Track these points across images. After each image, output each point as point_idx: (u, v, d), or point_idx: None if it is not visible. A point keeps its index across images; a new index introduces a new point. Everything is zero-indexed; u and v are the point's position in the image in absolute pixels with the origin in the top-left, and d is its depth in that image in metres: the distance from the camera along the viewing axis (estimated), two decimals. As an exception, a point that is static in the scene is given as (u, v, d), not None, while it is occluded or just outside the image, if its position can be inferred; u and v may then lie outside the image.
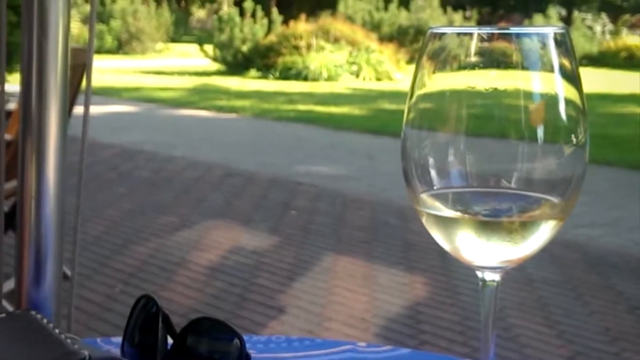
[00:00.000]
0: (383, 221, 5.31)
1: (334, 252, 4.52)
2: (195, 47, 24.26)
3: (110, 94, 12.73)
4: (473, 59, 0.55)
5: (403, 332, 3.34)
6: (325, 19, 20.46)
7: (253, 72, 18.55)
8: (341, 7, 24.43)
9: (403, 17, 23.98)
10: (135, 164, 7.17)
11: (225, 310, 3.47)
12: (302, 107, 12.55)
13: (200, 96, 13.95)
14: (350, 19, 22.20)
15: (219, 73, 19.30)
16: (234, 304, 3.59)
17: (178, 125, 10.36)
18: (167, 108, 12.34)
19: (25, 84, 0.89)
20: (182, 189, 6.17)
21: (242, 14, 20.34)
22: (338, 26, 19.18)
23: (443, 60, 0.56)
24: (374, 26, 22.66)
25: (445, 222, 0.58)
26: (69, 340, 0.70)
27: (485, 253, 0.57)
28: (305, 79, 17.03)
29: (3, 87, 1.07)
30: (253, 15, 20.27)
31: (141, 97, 13.42)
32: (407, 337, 3.27)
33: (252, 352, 0.70)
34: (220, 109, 12.26)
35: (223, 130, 10.10)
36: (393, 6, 24.20)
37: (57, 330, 0.73)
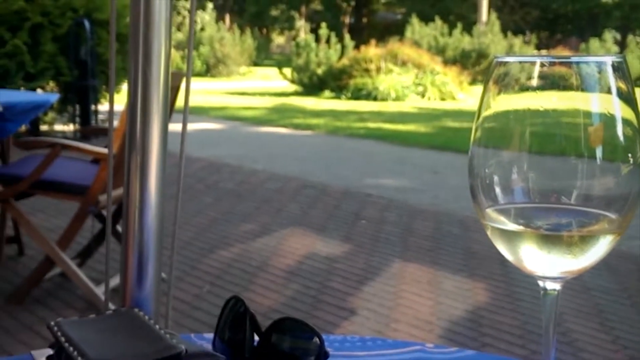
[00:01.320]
0: (447, 231, 5.26)
1: (401, 259, 4.49)
2: (275, 70, 24.49)
3: (199, 112, 12.94)
4: (535, 82, 0.55)
5: (466, 335, 3.30)
6: (393, 44, 20.43)
7: (327, 92, 18.61)
8: (408, 33, 24.40)
9: (466, 42, 23.79)
10: (221, 176, 7.28)
11: (301, 310, 3.49)
12: (371, 124, 12.54)
13: (279, 115, 14.08)
14: (416, 43, 22.13)
15: (296, 94, 19.44)
16: (309, 305, 3.61)
17: (259, 141, 10.47)
18: (250, 125, 12.48)
19: (131, 105, 0.92)
20: (262, 199, 6.23)
21: (317, 40, 20.46)
22: (405, 50, 19.12)
23: (507, 84, 0.57)
24: (438, 50, 22.53)
25: (509, 235, 0.58)
26: (167, 336, 0.72)
27: (547, 264, 0.57)
28: (375, 99, 17.03)
29: (112, 108, 1.10)
30: (327, 41, 20.37)
31: (226, 116, 13.62)
32: (469, 339, 3.23)
33: (329, 351, 0.71)
34: (297, 126, 12.35)
35: (299, 145, 10.16)
36: (457, 32, 24.03)
37: (157, 326, 0.75)
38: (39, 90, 8.84)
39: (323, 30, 20.63)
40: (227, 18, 42.02)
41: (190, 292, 3.73)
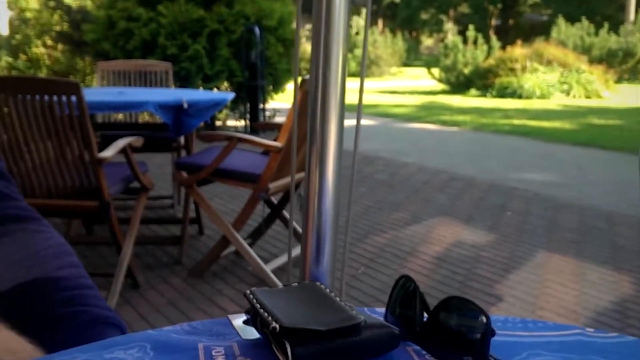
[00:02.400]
0: (592, 225, 5.02)
1: (546, 250, 4.34)
2: (423, 70, 24.28)
3: (354, 109, 13.03)
4: None
5: (611, 325, 3.14)
6: (539, 44, 19.65)
7: (473, 91, 18.22)
8: (554, 33, 23.39)
9: (612, 41, 22.47)
10: (375, 168, 7.31)
11: (449, 294, 3.45)
12: (516, 121, 12.14)
13: (427, 112, 13.94)
14: (562, 43, 21.18)
15: (443, 92, 19.17)
16: (457, 290, 3.56)
17: (409, 136, 10.41)
18: (400, 122, 12.45)
19: (312, 104, 0.96)
20: (412, 190, 6.20)
21: (465, 41, 20.07)
22: (551, 50, 18.36)
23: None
24: (584, 50, 21.42)
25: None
26: (347, 307, 0.74)
27: None
28: (520, 97, 16.47)
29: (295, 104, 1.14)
30: (474, 42, 19.93)
31: (379, 113, 13.65)
32: (615, 330, 3.07)
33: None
34: (444, 122, 12.18)
35: (447, 140, 10.02)
36: (603, 31, 22.75)
37: (338, 299, 0.78)
38: (215, 90, 9.25)
39: (470, 32, 20.21)
40: (380, 22, 42.07)
41: (348, 273, 3.79)
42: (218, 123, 10.22)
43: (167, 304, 3.26)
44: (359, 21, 34.34)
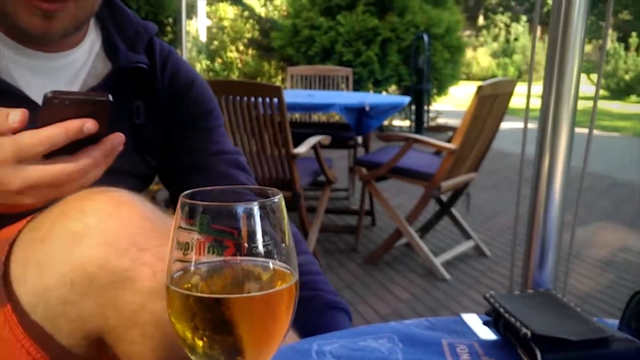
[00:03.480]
0: None
1: None
2: (583, 76, 22.92)
3: (512, 113, 12.54)
4: None
5: None
6: None
7: (634, 97, 16.96)
8: None
9: None
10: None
11: (619, 300, 3.22)
12: (680, 129, 11.17)
13: (586, 117, 13.11)
14: None
15: (602, 98, 18.00)
16: (627, 296, 3.32)
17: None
18: (558, 126, 11.84)
19: (543, 114, 0.91)
20: (575, 195, 5.86)
21: (626, 48, 18.71)
22: None
23: None
24: None
25: None
26: (590, 318, 0.70)
27: None
28: (684, 104, 15.13)
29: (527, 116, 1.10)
30: (637, 49, 18.52)
31: (536, 116, 13.05)
32: None
33: None
34: (604, 128, 11.42)
35: (607, 146, 9.39)
36: None
37: (578, 308, 0.74)
38: (384, 93, 9.28)
39: (633, 39, 18.79)
40: (539, 29, 40.21)
41: (515, 272, 3.65)
42: (385, 123, 10.24)
43: (346, 287, 3.30)
44: (518, 28, 33.04)
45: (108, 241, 0.70)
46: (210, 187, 0.53)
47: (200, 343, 0.47)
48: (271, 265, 0.49)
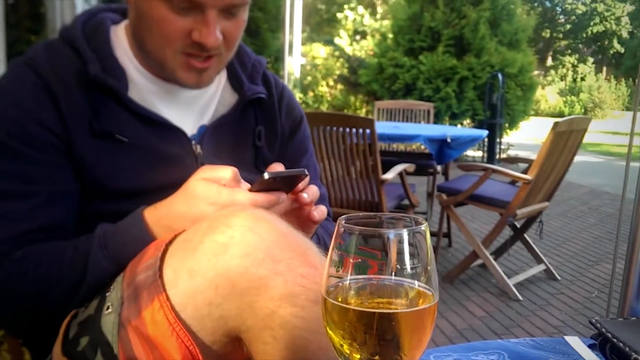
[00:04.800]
0: None
1: None
2: (647, 114, 21.75)
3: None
4: None
5: None
6: None
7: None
8: None
9: None
10: (602, 201, 6.70)
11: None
12: None
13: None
14: None
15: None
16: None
17: (632, 175, 9.38)
18: (622, 159, 11.29)
19: None
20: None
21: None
22: None
23: None
24: None
25: None
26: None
27: None
28: None
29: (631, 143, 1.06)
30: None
31: (602, 151, 12.53)
32: None
33: None
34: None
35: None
36: None
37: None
38: (459, 126, 9.15)
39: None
40: (604, 70, 38.68)
41: (581, 295, 3.49)
42: (458, 153, 10.06)
43: (425, 302, 3.25)
44: (585, 68, 31.92)
45: (248, 252, 0.72)
46: (363, 213, 0.54)
47: (350, 349, 0.48)
48: (416, 285, 0.49)
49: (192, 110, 1.05)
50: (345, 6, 13.20)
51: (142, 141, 0.96)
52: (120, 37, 1.03)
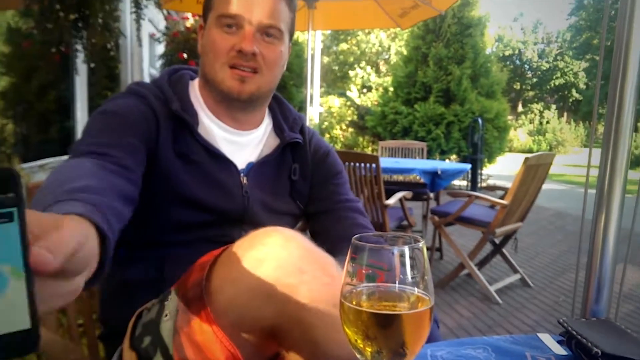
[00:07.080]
0: None
1: None
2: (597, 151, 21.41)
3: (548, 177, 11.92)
4: None
5: None
6: None
7: (645, 167, 15.67)
8: None
9: None
10: (565, 222, 6.57)
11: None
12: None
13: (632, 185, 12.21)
14: None
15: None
16: (648, 324, 3.01)
17: (589, 199, 9.21)
18: (581, 188, 11.09)
19: (601, 179, 0.87)
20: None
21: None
22: None
23: None
24: None
25: None
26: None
27: None
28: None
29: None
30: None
31: (564, 180, 12.33)
32: None
33: None
34: (628, 191, 10.59)
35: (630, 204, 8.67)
36: None
37: (634, 334, 0.68)
38: (447, 160, 9.10)
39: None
40: (565, 114, 38.43)
41: (551, 299, 3.41)
42: (447, 182, 9.99)
43: (422, 304, 3.19)
44: (548, 114, 31.75)
45: (279, 265, 0.73)
46: (371, 233, 0.54)
47: (363, 343, 0.48)
48: (416, 291, 0.49)
49: (243, 150, 1.08)
50: (355, 66, 13.34)
51: (205, 166, 1.00)
52: (195, 89, 1.08)
